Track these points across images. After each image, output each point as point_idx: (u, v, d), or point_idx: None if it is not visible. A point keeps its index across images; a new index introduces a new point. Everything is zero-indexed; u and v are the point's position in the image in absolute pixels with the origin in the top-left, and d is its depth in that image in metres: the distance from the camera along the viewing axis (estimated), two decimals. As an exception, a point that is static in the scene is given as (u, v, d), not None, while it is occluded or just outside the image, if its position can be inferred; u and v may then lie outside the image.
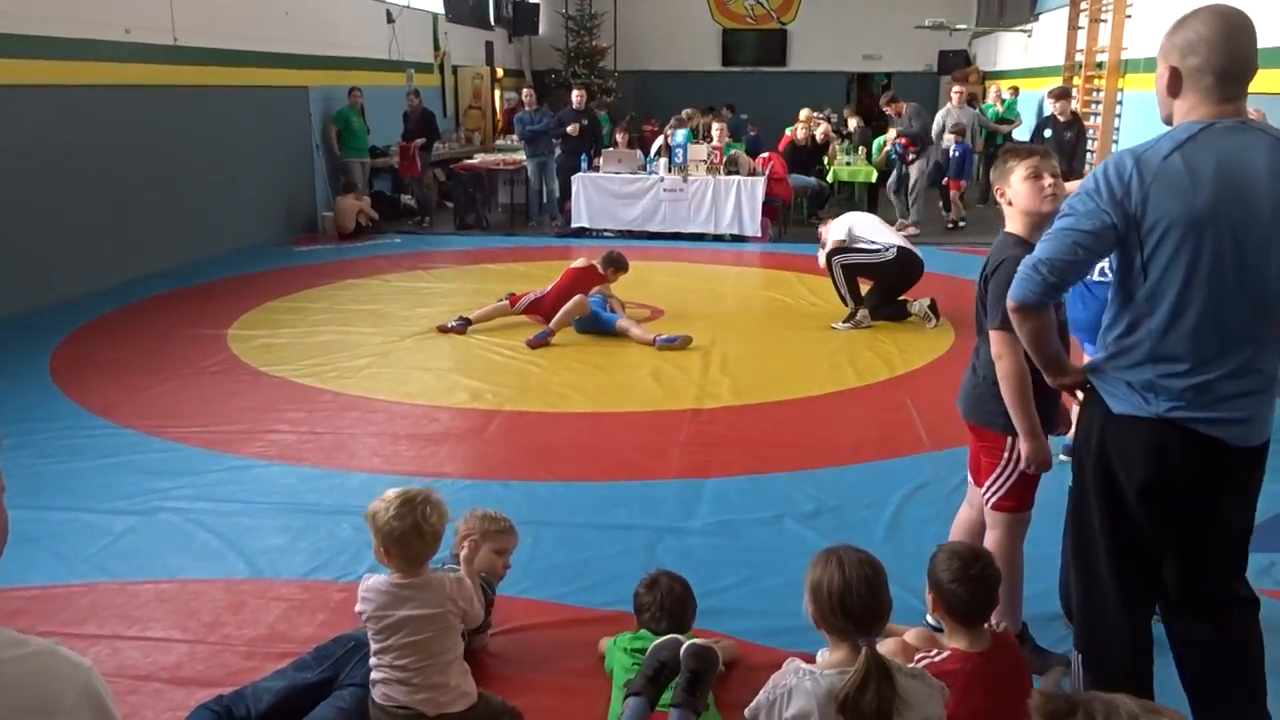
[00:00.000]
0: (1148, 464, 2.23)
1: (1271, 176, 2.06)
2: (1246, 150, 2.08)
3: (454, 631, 2.63)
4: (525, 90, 13.39)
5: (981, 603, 2.40)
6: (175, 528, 4.07)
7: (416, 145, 12.49)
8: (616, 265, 7.54)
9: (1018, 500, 2.97)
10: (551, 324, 6.94)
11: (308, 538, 3.99)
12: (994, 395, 2.88)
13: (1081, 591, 2.43)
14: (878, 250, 7.42)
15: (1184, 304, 2.13)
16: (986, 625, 2.45)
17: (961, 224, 12.25)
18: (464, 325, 7.21)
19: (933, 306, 7.43)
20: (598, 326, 7.09)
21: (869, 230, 7.57)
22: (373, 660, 2.64)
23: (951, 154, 12.25)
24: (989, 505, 3.00)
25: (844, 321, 7.41)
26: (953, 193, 12.33)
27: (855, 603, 2.08)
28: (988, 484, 2.99)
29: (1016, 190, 2.83)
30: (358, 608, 2.65)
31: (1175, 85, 2.19)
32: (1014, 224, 2.87)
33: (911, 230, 11.07)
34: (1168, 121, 2.26)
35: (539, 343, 6.80)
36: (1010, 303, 2.27)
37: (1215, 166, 2.07)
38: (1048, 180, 2.81)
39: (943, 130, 12.51)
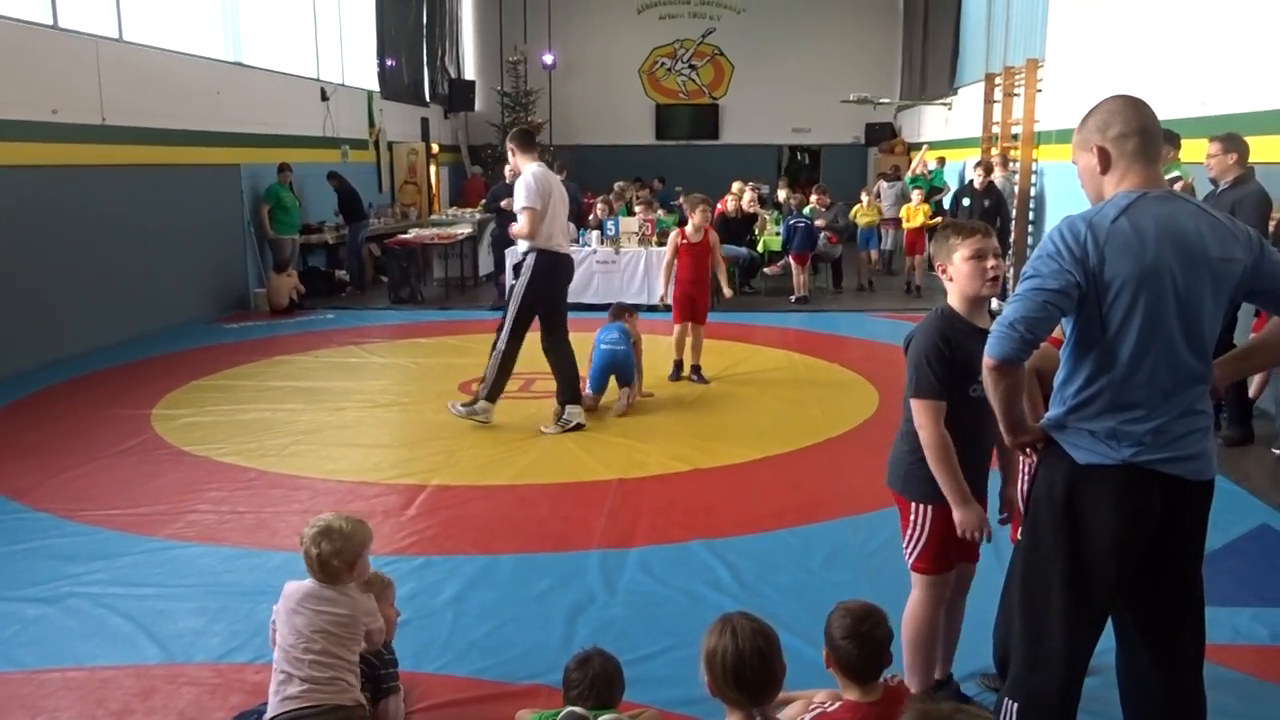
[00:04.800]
0: (1120, 510, 2.35)
1: (1198, 236, 2.31)
2: (1176, 215, 2.33)
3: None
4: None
5: (870, 659, 2.46)
6: (86, 614, 3.99)
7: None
8: (691, 204, 8.30)
9: (929, 564, 3.04)
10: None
11: (224, 619, 3.94)
12: (904, 461, 2.98)
13: (1028, 643, 2.50)
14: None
15: (1141, 353, 2.31)
16: (881, 680, 2.50)
17: (794, 298, 12.14)
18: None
19: None
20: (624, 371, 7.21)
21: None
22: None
23: (795, 224, 12.24)
24: (908, 565, 3.08)
25: (478, 416, 6.61)
26: (796, 267, 12.22)
27: (748, 676, 2.12)
28: (904, 545, 3.07)
29: (959, 269, 2.92)
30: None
31: (1105, 162, 2.41)
32: (954, 299, 2.96)
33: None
34: (1099, 200, 2.44)
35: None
36: (990, 360, 2.37)
37: (1155, 228, 2.30)
38: (990, 263, 2.89)
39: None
